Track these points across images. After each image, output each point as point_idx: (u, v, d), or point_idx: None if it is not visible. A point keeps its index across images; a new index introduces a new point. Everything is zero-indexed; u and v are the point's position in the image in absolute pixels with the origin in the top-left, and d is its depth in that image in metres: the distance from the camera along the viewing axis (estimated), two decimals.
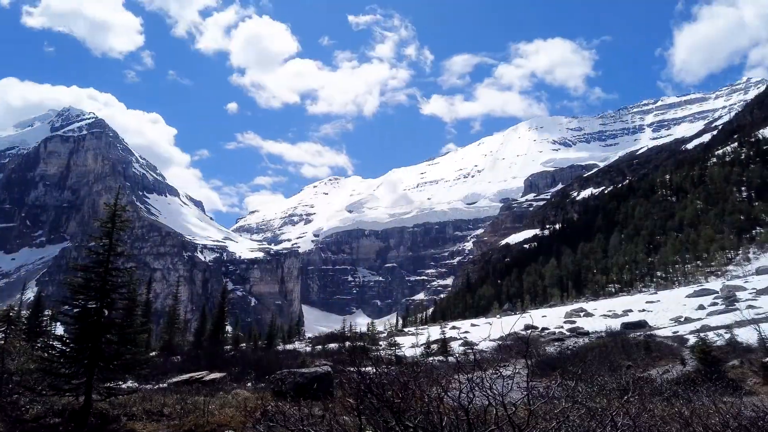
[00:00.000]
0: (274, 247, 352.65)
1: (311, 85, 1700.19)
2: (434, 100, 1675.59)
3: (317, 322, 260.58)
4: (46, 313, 38.41)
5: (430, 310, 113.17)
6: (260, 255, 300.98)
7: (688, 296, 43.90)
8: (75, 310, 13.21)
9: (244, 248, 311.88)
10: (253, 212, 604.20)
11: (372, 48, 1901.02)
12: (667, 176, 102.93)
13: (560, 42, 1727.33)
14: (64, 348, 13.14)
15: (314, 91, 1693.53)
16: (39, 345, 20.47)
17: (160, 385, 21.01)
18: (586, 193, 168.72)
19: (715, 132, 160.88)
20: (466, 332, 44.62)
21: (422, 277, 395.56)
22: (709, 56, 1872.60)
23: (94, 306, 13.02)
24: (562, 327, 37.77)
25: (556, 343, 28.29)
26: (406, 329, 65.96)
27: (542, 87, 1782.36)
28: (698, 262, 66.80)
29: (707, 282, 54.89)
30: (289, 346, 47.63)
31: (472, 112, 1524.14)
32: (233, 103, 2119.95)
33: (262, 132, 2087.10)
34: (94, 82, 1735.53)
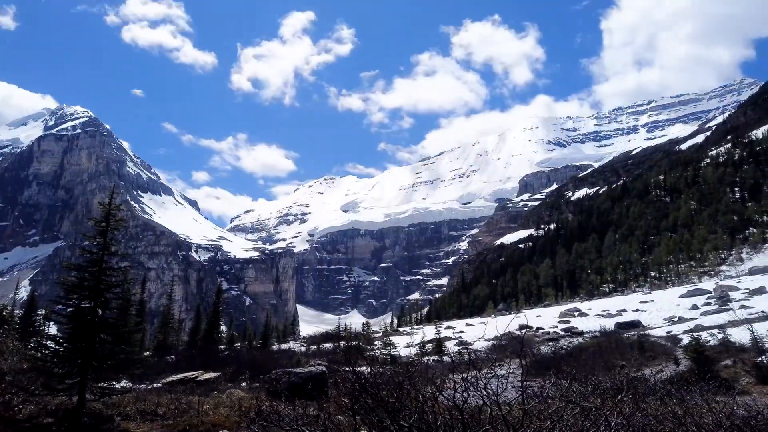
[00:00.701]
0: (269, 247, 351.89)
1: (217, 74, 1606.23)
2: (353, 95, 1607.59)
3: (312, 322, 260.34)
4: (40, 312, 38.18)
5: (425, 309, 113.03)
6: (255, 254, 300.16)
7: (682, 296, 44.08)
8: (68, 310, 13.14)
9: (239, 248, 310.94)
10: (248, 212, 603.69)
11: (281, 26, 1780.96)
12: (661, 177, 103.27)
13: (481, 25, 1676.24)
14: (57, 348, 13.08)
15: (222, 78, 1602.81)
16: (32, 344, 20.39)
17: (155, 385, 20.91)
18: (580, 193, 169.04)
19: (708, 133, 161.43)
20: (461, 332, 44.67)
21: (417, 277, 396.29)
22: (631, 38, 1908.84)
23: (87, 305, 12.96)
24: (556, 327, 37.86)
25: (550, 343, 28.40)
26: (401, 329, 65.95)
27: (471, 69, 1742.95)
28: (692, 262, 67.08)
29: (701, 282, 55.14)
30: (284, 346, 47.55)
31: (395, 103, 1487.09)
32: (138, 90, 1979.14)
33: (178, 124, 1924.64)
34: None
